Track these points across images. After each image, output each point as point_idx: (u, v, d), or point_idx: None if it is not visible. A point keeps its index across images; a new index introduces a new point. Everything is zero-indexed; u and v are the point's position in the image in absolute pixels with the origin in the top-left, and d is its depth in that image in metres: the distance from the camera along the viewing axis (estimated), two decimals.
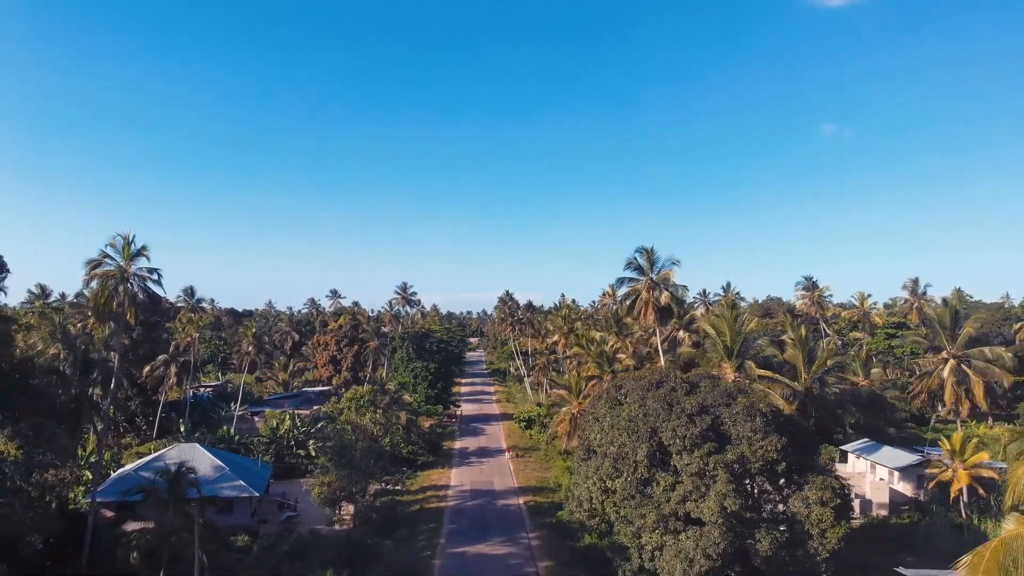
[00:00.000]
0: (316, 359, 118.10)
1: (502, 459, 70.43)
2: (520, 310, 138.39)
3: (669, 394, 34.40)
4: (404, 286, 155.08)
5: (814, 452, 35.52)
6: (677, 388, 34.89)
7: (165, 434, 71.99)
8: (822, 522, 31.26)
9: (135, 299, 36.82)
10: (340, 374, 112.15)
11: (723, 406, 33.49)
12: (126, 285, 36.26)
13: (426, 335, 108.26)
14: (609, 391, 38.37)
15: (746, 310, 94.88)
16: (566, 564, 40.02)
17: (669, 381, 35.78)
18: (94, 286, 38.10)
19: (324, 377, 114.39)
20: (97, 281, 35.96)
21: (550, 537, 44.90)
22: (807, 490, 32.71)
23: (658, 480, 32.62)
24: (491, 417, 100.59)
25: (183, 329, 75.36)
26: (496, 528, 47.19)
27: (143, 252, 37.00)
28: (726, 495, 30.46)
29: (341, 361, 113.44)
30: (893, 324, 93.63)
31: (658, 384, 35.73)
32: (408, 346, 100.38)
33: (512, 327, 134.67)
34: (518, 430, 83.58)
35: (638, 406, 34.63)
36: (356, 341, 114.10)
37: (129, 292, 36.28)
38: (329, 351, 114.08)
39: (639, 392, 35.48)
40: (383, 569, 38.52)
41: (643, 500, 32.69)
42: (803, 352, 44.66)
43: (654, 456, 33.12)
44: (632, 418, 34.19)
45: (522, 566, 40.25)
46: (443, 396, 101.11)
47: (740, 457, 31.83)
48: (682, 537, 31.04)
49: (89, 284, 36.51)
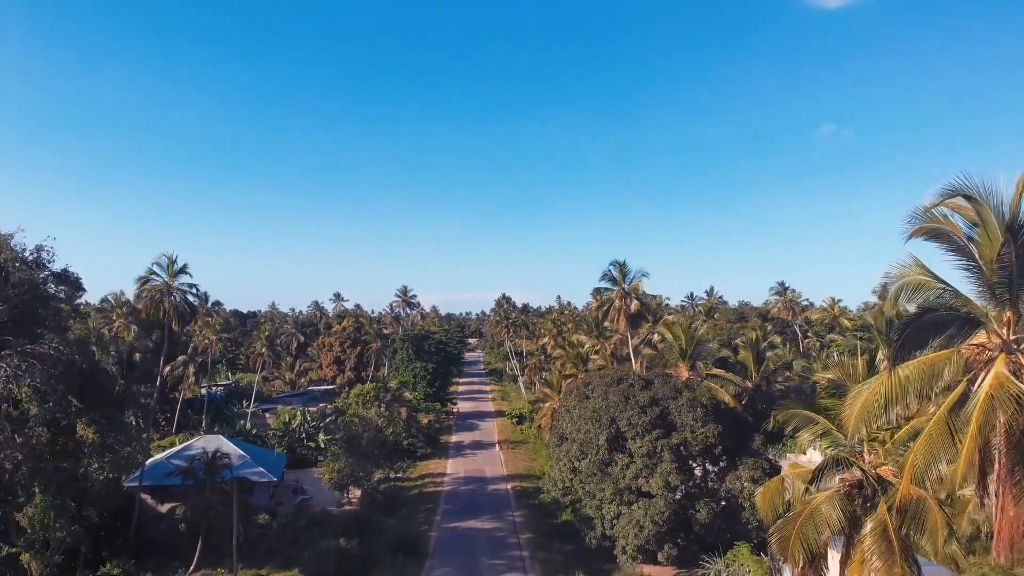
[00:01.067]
0: (321, 359, 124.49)
1: (494, 451, 76.94)
2: (515, 313, 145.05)
3: (627, 389, 40.96)
4: (404, 289, 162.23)
5: (750, 439, 41.95)
6: (634, 384, 41.45)
7: (183, 429, 78.34)
8: (752, 496, 37.83)
9: (177, 309, 43.40)
10: (344, 374, 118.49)
11: (671, 399, 40.01)
12: (170, 297, 42.86)
13: (425, 337, 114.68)
14: (579, 387, 44.97)
15: (699, 316, 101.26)
16: (544, 536, 46.56)
17: (628, 378, 42.34)
18: (134, 295, 44.85)
19: (328, 376, 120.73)
20: (146, 294, 42.60)
21: (532, 515, 51.47)
22: (741, 469, 39.41)
23: (616, 460, 39.21)
24: (486, 414, 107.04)
25: (200, 332, 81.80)
26: (486, 508, 53.78)
27: (184, 270, 43.68)
28: (670, 472, 37.07)
29: (345, 361, 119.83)
30: (859, 327, 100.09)
31: (618, 381, 42.30)
32: (408, 347, 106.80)
33: (507, 329, 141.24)
34: (510, 425, 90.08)
35: (601, 399, 41.21)
36: (359, 343, 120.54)
37: (173, 303, 42.87)
38: (333, 352, 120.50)
39: (603, 388, 42.07)
40: (387, 539, 45.02)
41: (603, 477, 39.28)
42: (753, 354, 51.18)
43: (613, 440, 39.69)
44: (596, 409, 40.77)
45: (506, 537, 46.82)
46: (441, 394, 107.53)
47: (684, 441, 38.39)
48: (635, 507, 37.62)
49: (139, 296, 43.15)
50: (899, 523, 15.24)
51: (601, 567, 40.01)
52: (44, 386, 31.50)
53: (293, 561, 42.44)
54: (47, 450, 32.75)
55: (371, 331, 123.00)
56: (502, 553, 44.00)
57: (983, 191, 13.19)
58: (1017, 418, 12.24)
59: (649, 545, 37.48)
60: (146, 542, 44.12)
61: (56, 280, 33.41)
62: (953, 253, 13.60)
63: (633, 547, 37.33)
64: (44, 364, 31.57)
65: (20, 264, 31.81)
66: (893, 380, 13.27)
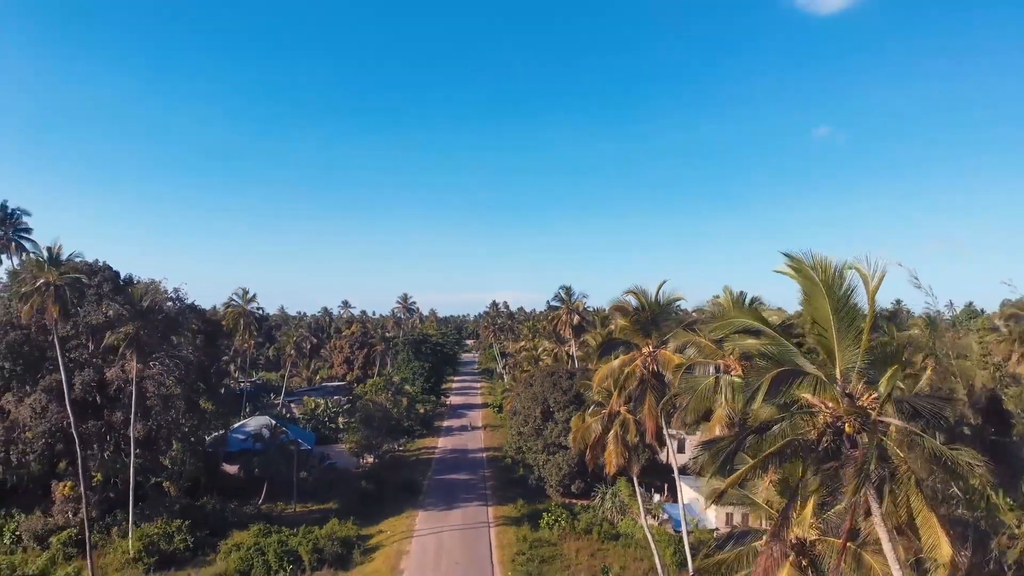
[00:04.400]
0: (333, 359, 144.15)
1: (477, 433, 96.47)
2: (501, 318, 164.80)
3: (556, 379, 60.61)
4: (404, 296, 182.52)
5: None
6: (561, 375, 61.11)
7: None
8: None
9: (249, 325, 62.99)
10: (352, 372, 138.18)
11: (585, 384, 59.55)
12: (245, 317, 62.43)
13: (423, 340, 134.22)
14: (527, 378, 64.71)
15: None
16: (503, 483, 66.15)
17: (558, 372, 62.05)
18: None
19: (339, 374, 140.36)
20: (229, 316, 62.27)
21: (498, 472, 71.04)
22: None
23: (546, 426, 58.84)
24: (474, 405, 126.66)
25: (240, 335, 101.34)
26: (465, 468, 73.40)
27: (254, 299, 63.57)
28: None
29: (353, 361, 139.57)
30: None
31: (552, 374, 62.01)
32: (408, 350, 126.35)
33: (494, 333, 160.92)
34: (492, 414, 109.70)
35: (539, 386, 60.89)
36: (366, 345, 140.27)
37: (247, 321, 62.44)
38: (344, 353, 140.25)
39: (540, 379, 61.80)
40: (394, 484, 64.58)
41: (538, 437, 58.92)
42: None
43: (545, 413, 59.31)
44: (535, 393, 60.44)
45: (477, 484, 66.45)
46: (436, 389, 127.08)
47: None
48: (556, 456, 57.23)
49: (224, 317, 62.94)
50: (620, 430, 34.57)
51: (537, 498, 59.55)
52: (182, 377, 51.10)
53: (329, 499, 61.96)
54: (183, 416, 52.22)
55: (376, 335, 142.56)
56: (474, 493, 63.64)
57: (642, 292, 32.69)
58: (646, 377, 31.74)
59: (566, 481, 57.10)
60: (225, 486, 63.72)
61: (188, 309, 52.83)
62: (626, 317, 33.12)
63: (555, 482, 57.01)
64: (182, 363, 51.18)
65: (166, 301, 51.38)
66: (605, 367, 32.66)
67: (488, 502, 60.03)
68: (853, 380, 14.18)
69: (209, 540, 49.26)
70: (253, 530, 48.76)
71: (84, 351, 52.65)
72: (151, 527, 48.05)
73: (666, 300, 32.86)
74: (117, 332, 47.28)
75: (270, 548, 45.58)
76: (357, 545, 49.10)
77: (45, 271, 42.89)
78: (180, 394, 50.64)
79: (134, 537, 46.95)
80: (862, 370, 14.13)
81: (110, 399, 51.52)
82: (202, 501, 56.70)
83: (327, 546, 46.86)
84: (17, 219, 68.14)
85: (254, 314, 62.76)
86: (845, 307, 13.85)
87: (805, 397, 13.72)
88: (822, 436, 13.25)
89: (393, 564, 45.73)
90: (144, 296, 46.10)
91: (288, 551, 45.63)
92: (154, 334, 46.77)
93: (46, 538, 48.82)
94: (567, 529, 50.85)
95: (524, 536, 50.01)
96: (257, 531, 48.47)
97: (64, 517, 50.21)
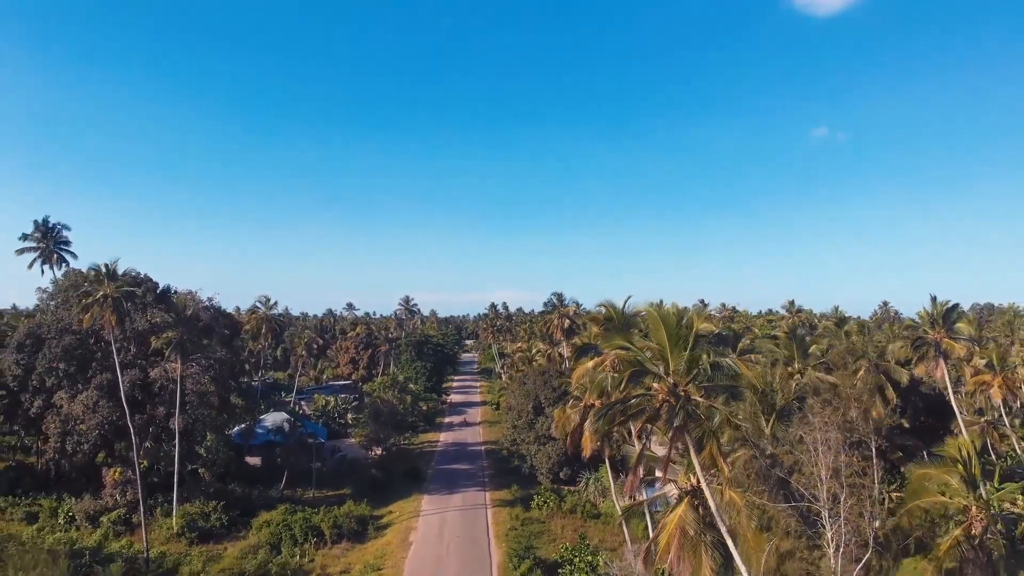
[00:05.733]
0: (339, 359, 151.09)
1: (475, 428, 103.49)
2: (499, 320, 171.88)
3: (547, 377, 67.57)
4: (407, 299, 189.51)
5: None
6: (552, 375, 68.08)
7: None
8: None
9: (271, 329, 69.95)
10: (358, 371, 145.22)
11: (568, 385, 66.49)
12: (267, 322, 69.42)
13: (425, 341, 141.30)
14: (520, 378, 71.69)
15: None
16: (499, 472, 73.16)
17: (548, 372, 69.02)
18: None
19: (345, 374, 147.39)
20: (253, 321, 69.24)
21: (495, 462, 78.05)
22: None
23: (538, 420, 65.77)
24: (473, 403, 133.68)
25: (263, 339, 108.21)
26: (465, 459, 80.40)
27: (275, 306, 70.51)
28: None
29: (359, 361, 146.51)
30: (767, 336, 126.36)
31: (543, 373, 68.98)
32: (411, 350, 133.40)
33: (493, 334, 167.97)
34: (490, 411, 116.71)
35: (532, 384, 67.85)
36: (370, 346, 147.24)
37: (269, 326, 69.41)
38: (349, 354, 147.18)
39: (533, 378, 68.79)
40: (401, 473, 71.56)
41: (530, 430, 65.88)
42: None
43: (536, 408, 66.25)
44: (527, 390, 67.41)
45: (476, 473, 73.47)
46: (437, 388, 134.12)
47: None
48: (546, 447, 64.18)
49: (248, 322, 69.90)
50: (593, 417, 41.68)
51: (530, 484, 66.51)
52: (216, 376, 58.07)
53: (343, 486, 68.91)
54: (216, 410, 59.19)
55: (380, 337, 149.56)
56: (473, 480, 70.68)
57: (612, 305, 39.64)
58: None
59: (555, 469, 64.06)
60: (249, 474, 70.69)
61: (221, 315, 59.79)
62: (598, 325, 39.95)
63: (545, 470, 63.98)
64: (216, 363, 58.16)
65: (202, 310, 58.37)
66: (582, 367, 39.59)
67: (486, 488, 67.03)
68: (679, 376, 22.38)
69: (240, 519, 56.20)
70: (280, 509, 55.71)
71: (127, 353, 59.62)
72: (191, 507, 54.98)
73: (631, 312, 39.83)
74: (161, 337, 54.28)
75: (296, 524, 52.56)
76: (371, 523, 56.20)
77: (104, 285, 49.81)
78: (214, 391, 57.59)
79: (177, 515, 53.88)
80: (683, 370, 22.38)
81: (152, 396, 58.50)
82: (231, 487, 63.70)
83: (345, 523, 53.86)
84: (58, 233, 75.46)
85: (275, 319, 69.60)
86: (675, 334, 22.56)
87: (650, 384, 20.99)
88: (660, 407, 20.63)
89: (403, 538, 52.70)
90: (187, 306, 53.04)
91: (312, 527, 52.61)
92: (194, 338, 53.73)
93: (97, 518, 55.67)
94: (555, 509, 57.90)
95: (517, 515, 57.01)
96: (284, 510, 55.42)
97: (113, 499, 57.08)
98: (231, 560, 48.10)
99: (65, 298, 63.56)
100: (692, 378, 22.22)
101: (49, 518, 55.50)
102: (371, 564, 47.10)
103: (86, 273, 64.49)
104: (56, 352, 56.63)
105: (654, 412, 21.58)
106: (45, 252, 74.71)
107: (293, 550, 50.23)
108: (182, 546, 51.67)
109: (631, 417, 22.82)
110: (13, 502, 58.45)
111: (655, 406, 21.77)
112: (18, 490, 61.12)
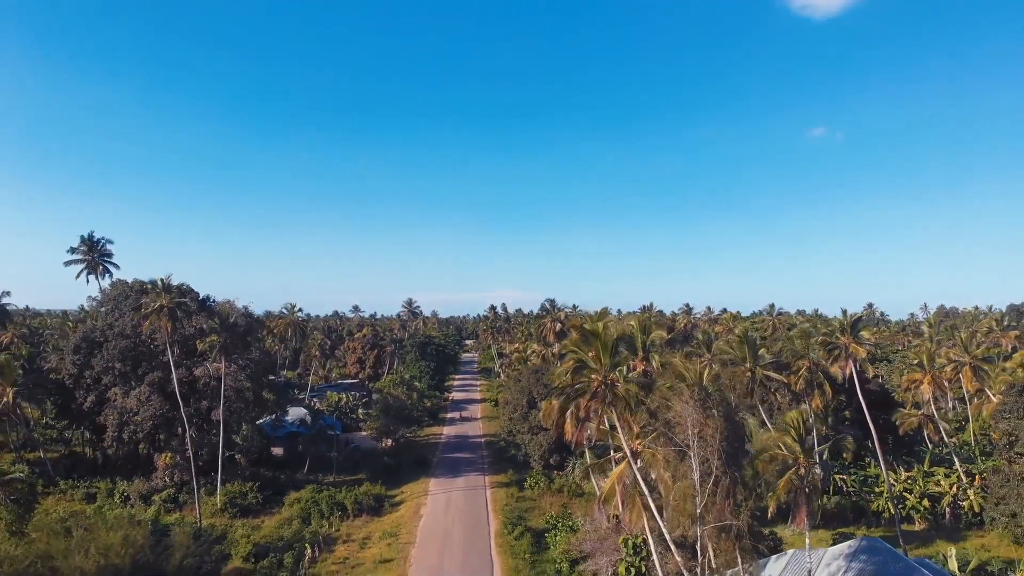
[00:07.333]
0: (347, 359, 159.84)
1: (476, 423, 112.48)
2: (499, 321, 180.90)
3: (539, 376, 76.50)
4: (410, 301, 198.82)
5: None
6: (543, 373, 76.98)
7: None
8: None
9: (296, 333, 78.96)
10: (365, 370, 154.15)
11: None
12: (292, 326, 78.43)
13: (428, 342, 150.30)
14: (516, 376, 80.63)
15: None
16: (497, 459, 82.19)
17: (541, 370, 77.95)
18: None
19: (352, 373, 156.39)
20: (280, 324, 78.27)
21: (493, 451, 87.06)
22: None
23: (531, 413, 74.68)
24: (474, 400, 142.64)
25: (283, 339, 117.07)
26: (466, 449, 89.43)
27: (299, 310, 79.44)
28: None
29: (365, 361, 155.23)
30: None
31: (536, 372, 77.93)
32: (415, 350, 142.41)
33: (493, 335, 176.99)
34: (489, 407, 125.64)
35: (526, 381, 76.82)
36: (376, 346, 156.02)
37: (294, 329, 78.44)
38: (357, 354, 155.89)
39: (527, 376, 77.77)
40: (410, 460, 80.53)
41: (523, 422, 74.84)
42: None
43: (530, 402, 75.19)
44: (522, 386, 76.36)
45: (476, 460, 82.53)
46: (440, 386, 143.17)
47: None
48: (539, 436, 73.12)
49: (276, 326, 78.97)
50: (574, 408, 50.60)
51: (524, 470, 75.45)
52: (252, 374, 67.04)
53: (358, 472, 77.84)
54: (251, 404, 68.14)
55: (386, 337, 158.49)
56: (473, 467, 79.71)
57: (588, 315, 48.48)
58: None
59: (546, 455, 73.03)
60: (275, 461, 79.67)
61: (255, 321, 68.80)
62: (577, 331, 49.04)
63: (538, 456, 72.95)
64: (252, 363, 67.14)
65: (240, 316, 67.34)
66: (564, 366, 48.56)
67: (485, 472, 76.04)
68: (607, 370, 32.27)
69: (273, 498, 65.12)
70: (308, 489, 64.70)
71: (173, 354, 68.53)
72: (231, 487, 63.88)
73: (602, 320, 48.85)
74: (205, 341, 63.25)
75: (323, 501, 61.52)
76: (386, 500, 65.29)
77: (161, 296, 58.75)
78: (250, 387, 66.53)
79: (220, 494, 62.80)
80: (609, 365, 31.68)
81: (195, 391, 67.40)
82: (262, 471, 72.69)
83: (364, 500, 62.85)
84: (102, 247, 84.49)
85: (299, 324, 78.54)
86: (605, 344, 32.85)
87: (590, 375, 30.23)
88: (596, 389, 29.84)
89: (415, 511, 61.68)
90: (229, 314, 62.03)
91: (336, 503, 61.54)
92: (235, 342, 62.70)
93: (149, 497, 64.49)
94: (545, 489, 66.89)
95: (512, 494, 66.05)
96: (311, 490, 64.40)
97: (163, 481, 65.99)
98: (270, 528, 57.12)
99: (115, 306, 72.46)
100: (615, 370, 32.37)
101: (106, 498, 64.27)
102: (388, 531, 56.05)
103: (131, 284, 73.57)
104: (114, 353, 65.52)
105: (592, 393, 30.74)
106: (91, 264, 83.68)
107: (321, 522, 59.14)
108: (226, 519, 60.54)
109: (579, 395, 32.43)
110: (72, 485, 67.31)
111: (593, 388, 31.24)
112: (74, 475, 70.07)
